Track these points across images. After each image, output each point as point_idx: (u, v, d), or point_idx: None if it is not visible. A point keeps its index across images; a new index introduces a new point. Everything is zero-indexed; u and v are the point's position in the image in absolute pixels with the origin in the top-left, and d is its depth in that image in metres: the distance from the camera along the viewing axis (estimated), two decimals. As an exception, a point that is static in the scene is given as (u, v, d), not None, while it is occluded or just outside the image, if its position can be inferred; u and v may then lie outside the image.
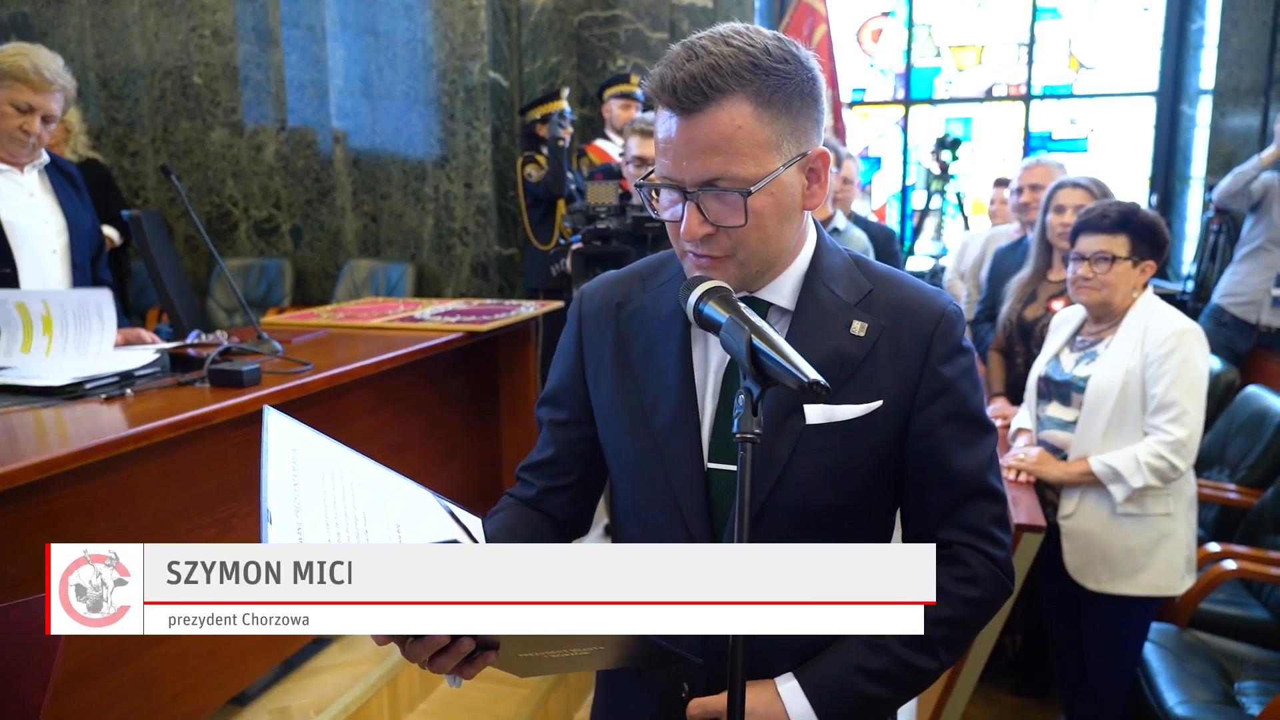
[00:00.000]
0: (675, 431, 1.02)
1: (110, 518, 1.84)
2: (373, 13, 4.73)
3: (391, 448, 2.76)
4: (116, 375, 2.16)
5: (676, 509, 1.01)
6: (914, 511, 1.05)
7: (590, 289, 1.12)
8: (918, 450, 1.00)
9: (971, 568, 1.00)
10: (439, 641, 0.83)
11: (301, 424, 0.91)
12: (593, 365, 1.09)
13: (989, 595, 1.01)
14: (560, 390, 1.13)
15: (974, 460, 1.01)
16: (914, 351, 0.99)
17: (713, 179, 0.90)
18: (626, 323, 1.07)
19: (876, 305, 1.00)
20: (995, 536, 1.02)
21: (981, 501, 1.01)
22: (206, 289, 5.02)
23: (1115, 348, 2.16)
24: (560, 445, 1.12)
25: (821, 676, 0.98)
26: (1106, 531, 2.15)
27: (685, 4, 4.97)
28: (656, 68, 0.93)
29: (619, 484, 1.11)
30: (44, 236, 2.45)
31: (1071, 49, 5.18)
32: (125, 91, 5.10)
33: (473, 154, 4.75)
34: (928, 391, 0.99)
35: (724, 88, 0.88)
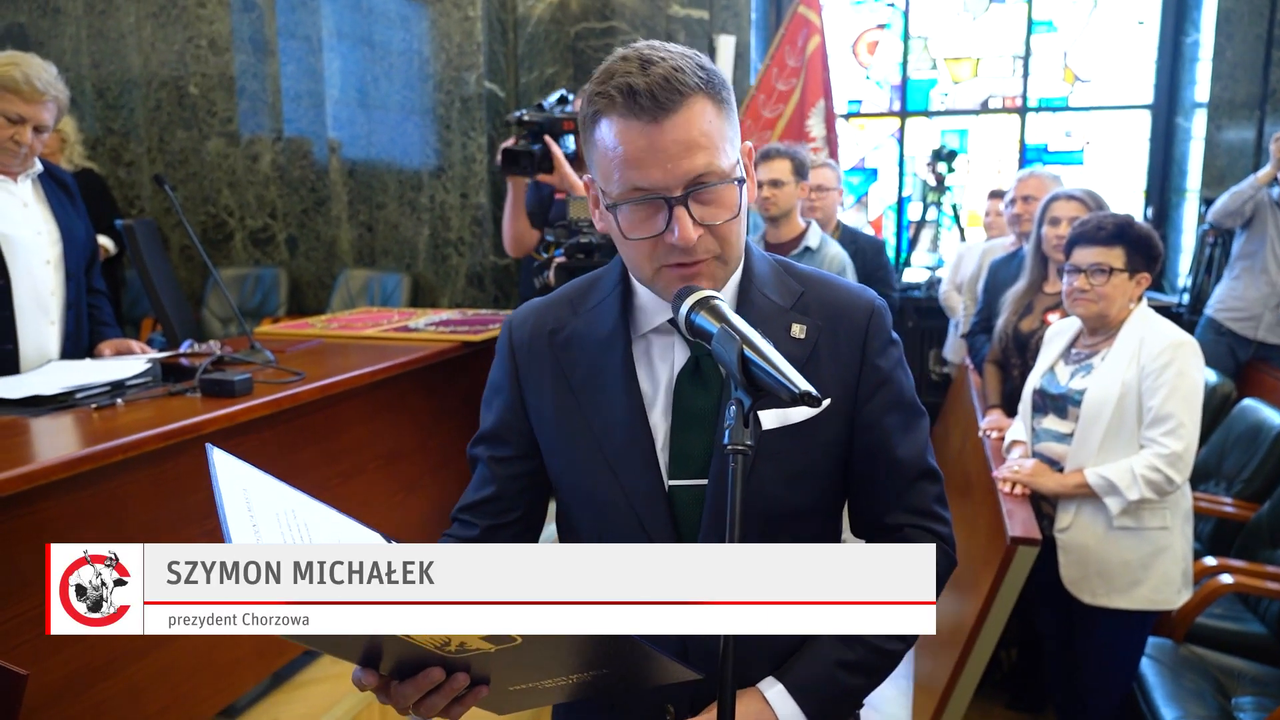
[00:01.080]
0: (631, 453, 1.00)
1: (99, 528, 1.83)
2: (369, 23, 4.74)
3: (384, 458, 2.75)
4: (108, 385, 2.15)
5: (641, 530, 1.00)
6: (863, 501, 1.08)
7: (518, 319, 1.09)
8: (865, 443, 1.03)
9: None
10: (434, 678, 0.82)
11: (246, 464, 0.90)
12: (533, 397, 1.06)
13: (942, 571, 1.04)
14: (500, 427, 1.08)
15: (915, 445, 1.05)
16: (852, 348, 1.02)
17: (700, 176, 0.91)
18: (563, 349, 1.04)
19: (811, 307, 1.03)
20: (939, 514, 1.07)
21: (924, 483, 1.06)
22: (202, 299, 5.01)
23: (1111, 360, 2.16)
24: (502, 482, 1.08)
25: (805, 677, 0.99)
26: (1103, 545, 2.14)
27: (681, 15, 4.99)
28: (610, 82, 0.91)
29: (576, 513, 1.08)
30: (38, 247, 2.44)
31: (1067, 62, 5.20)
32: (121, 101, 5.10)
33: (468, 164, 4.75)
34: (869, 385, 1.03)
35: (691, 86, 0.90)
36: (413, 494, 2.89)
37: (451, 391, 3.08)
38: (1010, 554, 2.07)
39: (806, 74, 4.55)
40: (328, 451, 2.51)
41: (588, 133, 0.96)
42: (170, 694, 2.00)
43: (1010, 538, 2.06)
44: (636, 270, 0.99)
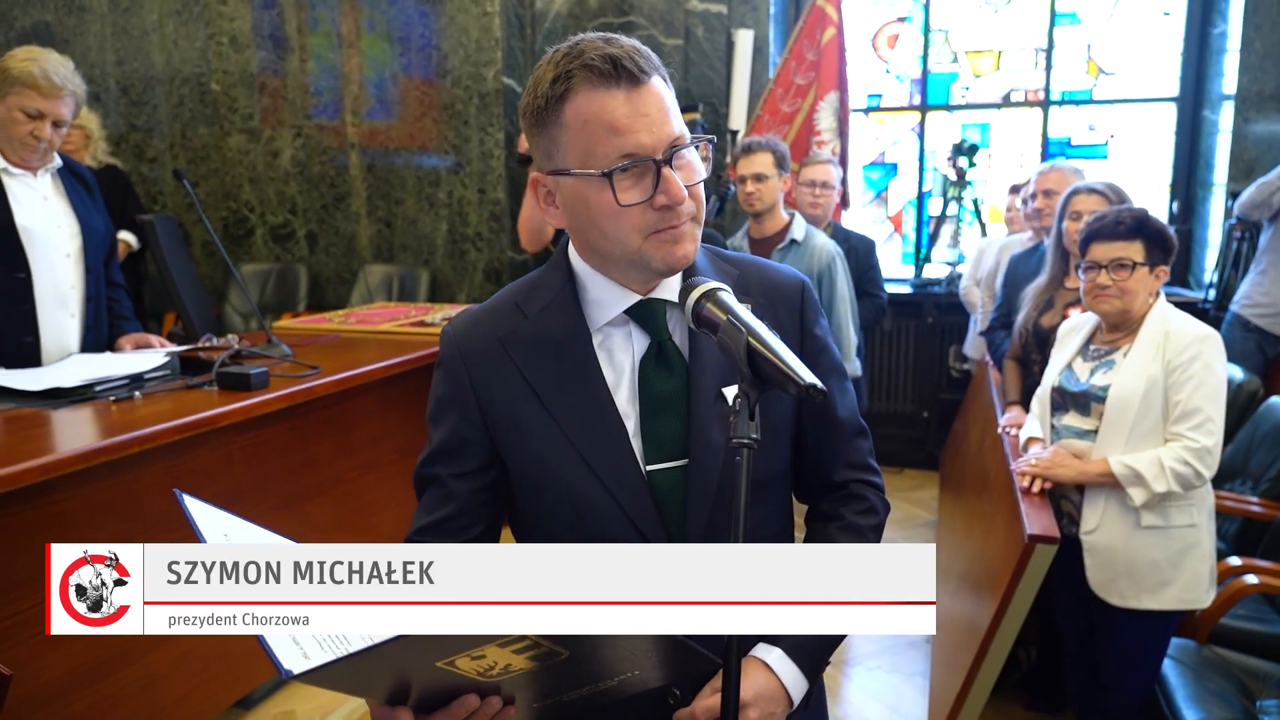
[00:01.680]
0: (604, 444, 1.00)
1: (115, 519, 1.85)
2: (387, 19, 4.75)
3: (399, 452, 2.76)
4: (126, 378, 2.17)
5: (625, 518, 1.00)
6: (812, 462, 1.14)
7: (459, 332, 1.07)
8: (811, 408, 1.10)
9: (868, 500, 1.14)
10: (469, 705, 0.81)
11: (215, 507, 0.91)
12: (493, 406, 1.03)
13: (882, 519, 1.15)
14: (456, 441, 1.05)
15: (849, 405, 1.14)
16: (791, 321, 1.09)
17: (678, 138, 0.95)
18: (520, 352, 1.03)
19: (750, 287, 1.08)
20: (874, 467, 1.17)
21: (859, 440, 1.15)
22: (224, 294, 5.05)
23: (1135, 356, 2.13)
24: (463, 498, 1.05)
25: (796, 638, 1.02)
26: (1130, 545, 2.11)
27: (700, 10, 4.97)
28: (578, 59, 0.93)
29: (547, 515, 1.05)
30: (57, 240, 2.47)
31: (1091, 54, 5.12)
32: (144, 98, 5.15)
33: (486, 160, 4.76)
34: (810, 352, 1.09)
35: (650, 63, 0.96)
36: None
37: (467, 386, 3.09)
38: (1028, 552, 2.04)
39: (820, 65, 4.51)
40: (344, 445, 2.52)
41: (552, 114, 0.95)
42: (187, 684, 2.02)
43: (1028, 535, 2.03)
44: (622, 244, 0.97)
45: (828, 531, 1.12)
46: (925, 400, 5.05)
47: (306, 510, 2.35)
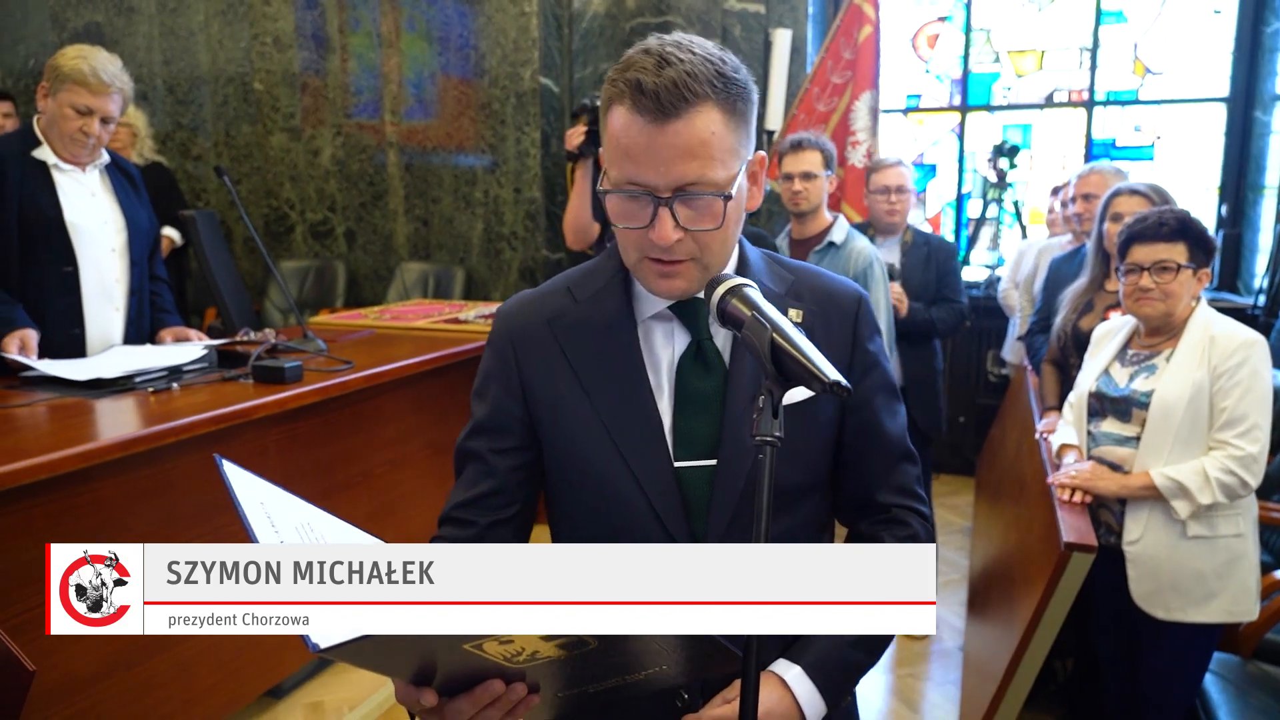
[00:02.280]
0: (638, 435, 1.01)
1: (153, 507, 1.88)
2: (426, 20, 4.80)
3: (432, 447, 2.78)
4: (165, 369, 2.21)
5: (651, 512, 1.00)
6: (852, 479, 1.11)
7: (511, 311, 1.10)
8: (856, 422, 1.08)
9: (911, 526, 1.09)
10: (494, 690, 0.82)
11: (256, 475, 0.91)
12: (535, 384, 1.05)
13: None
14: (498, 417, 1.07)
15: (899, 427, 1.11)
16: (843, 332, 1.07)
17: (689, 184, 0.92)
18: (566, 335, 1.04)
19: (802, 293, 1.07)
20: (921, 495, 1.12)
21: (907, 464, 1.11)
22: (264, 289, 5.13)
23: (1179, 360, 2.07)
24: (502, 475, 1.06)
25: (818, 656, 1.00)
26: (1176, 556, 2.05)
27: (737, 9, 4.94)
28: (625, 74, 0.93)
29: (576, 499, 1.07)
30: (104, 235, 2.52)
31: (1137, 54, 5.01)
32: (190, 97, 5.25)
33: (522, 159, 4.78)
34: (860, 367, 1.07)
35: (700, 94, 0.91)
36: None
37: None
38: (1064, 560, 2.00)
39: (856, 64, 4.47)
40: (376, 439, 2.55)
41: (604, 115, 0.98)
42: (219, 671, 2.06)
43: (1064, 544, 1.99)
44: (624, 255, 1.01)
45: None
46: (962, 405, 4.97)
47: (337, 503, 2.38)
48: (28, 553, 1.64)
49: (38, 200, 2.38)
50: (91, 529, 1.75)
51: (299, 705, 2.29)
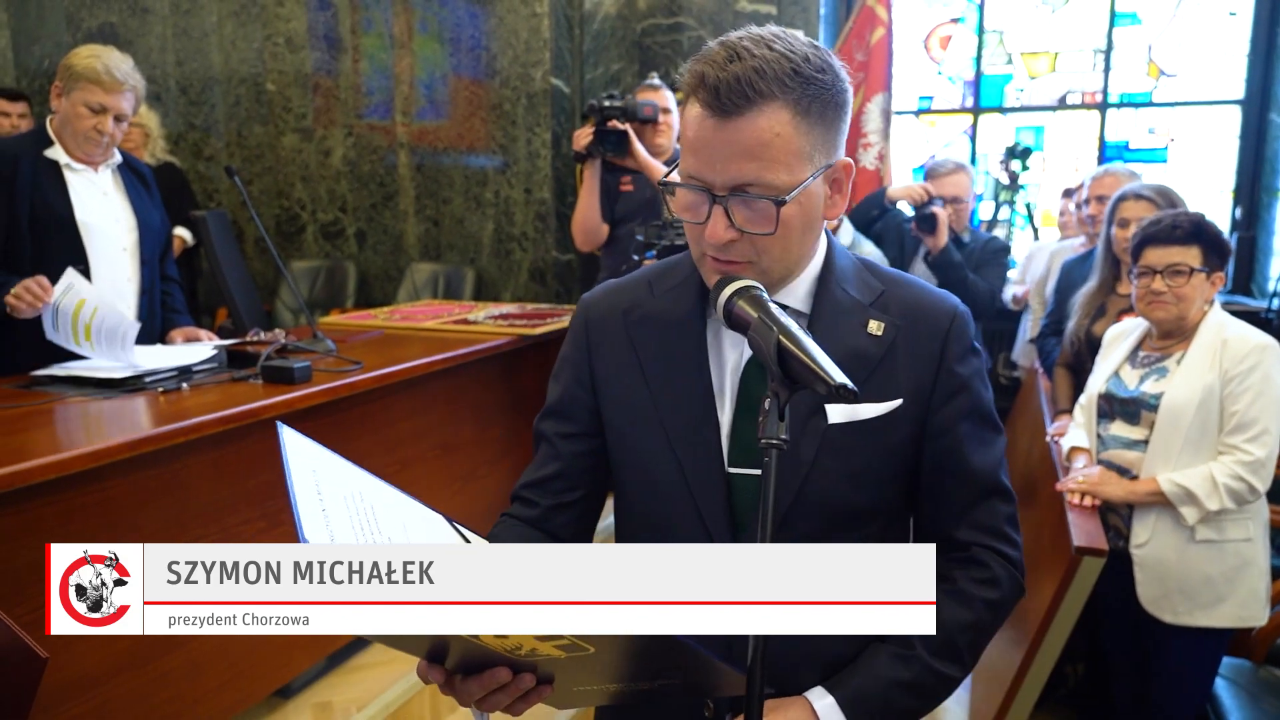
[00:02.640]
0: (694, 436, 0.99)
1: (162, 507, 1.89)
2: (439, 21, 4.81)
3: (441, 448, 2.79)
4: (174, 369, 2.22)
5: (697, 515, 0.99)
6: (930, 511, 1.04)
7: (593, 298, 1.10)
8: (935, 449, 1.00)
9: (991, 570, 1.01)
10: (500, 678, 0.82)
11: (315, 442, 0.90)
12: (603, 372, 1.06)
13: (1007, 597, 1.02)
14: (567, 401, 1.09)
15: (989, 459, 1.02)
16: (930, 350, 0.99)
17: (745, 184, 0.89)
18: (637, 327, 1.04)
19: (890, 305, 1.01)
20: (1010, 536, 1.03)
21: (995, 501, 1.02)
22: (275, 290, 5.15)
23: (1190, 363, 2.06)
24: (567, 459, 1.08)
25: (856, 691, 0.96)
26: (1184, 560, 2.04)
27: (749, 11, 4.94)
28: (694, 64, 0.91)
29: (631, 493, 1.07)
30: (115, 235, 2.54)
31: (1151, 55, 4.98)
32: (203, 98, 5.28)
33: (533, 160, 4.78)
34: (944, 390, 1.00)
35: (766, 93, 0.87)
36: (469, 484, 2.92)
37: (508, 384, 3.11)
38: (1075, 564, 1.99)
39: (869, 66, 4.46)
40: (385, 440, 2.55)
41: (681, 106, 0.98)
42: (229, 671, 2.06)
43: (1075, 548, 1.98)
44: (691, 249, 0.99)
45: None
46: (972, 408, 4.94)
47: (347, 503, 2.37)
48: (37, 552, 1.64)
49: (50, 200, 2.40)
50: (100, 529, 1.76)
51: (307, 705, 2.29)
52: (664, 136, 3.29)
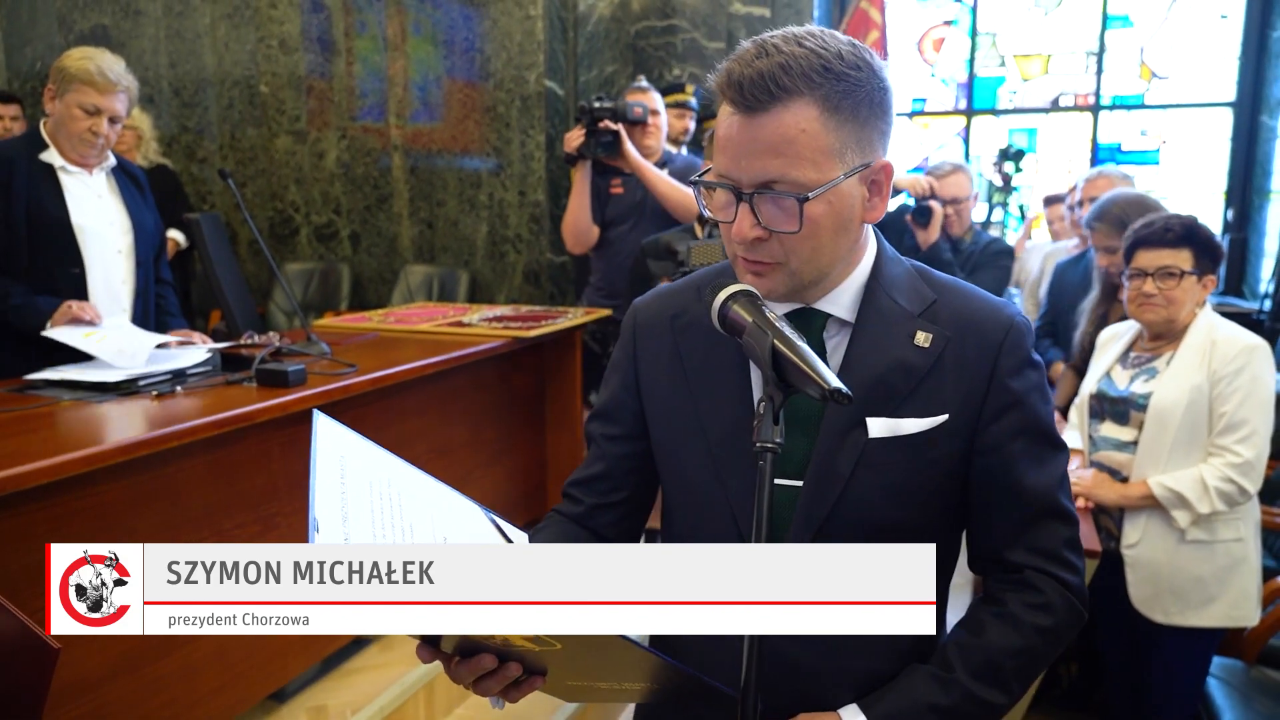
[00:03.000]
0: (732, 444, 0.98)
1: (157, 511, 1.89)
2: (432, 23, 4.81)
3: (436, 451, 2.79)
4: (169, 373, 2.22)
5: (734, 524, 0.98)
6: (981, 531, 1.01)
7: (644, 302, 1.11)
8: (985, 467, 0.97)
9: (1045, 594, 0.96)
10: (485, 665, 0.82)
11: (352, 431, 0.90)
12: (648, 377, 1.06)
13: (1062, 624, 0.97)
14: (613, 404, 1.10)
15: (1045, 479, 0.97)
16: (981, 363, 0.95)
17: (770, 181, 0.88)
18: (683, 333, 1.04)
19: (941, 316, 0.97)
20: (1068, 560, 0.98)
21: (1053, 523, 0.97)
22: (268, 292, 5.14)
23: (1179, 364, 2.07)
24: (611, 460, 1.09)
25: (890, 711, 0.93)
26: (1174, 560, 2.05)
27: (742, 13, 4.95)
28: (726, 62, 0.90)
29: (673, 499, 1.07)
30: (110, 237, 2.53)
31: (1144, 58, 5.01)
32: (196, 100, 5.27)
33: (527, 162, 4.79)
34: (995, 405, 0.96)
35: (791, 89, 0.86)
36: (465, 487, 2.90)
37: (503, 387, 3.11)
38: (1067, 566, 2.00)
39: None
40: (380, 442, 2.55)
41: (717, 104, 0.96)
42: (225, 674, 2.06)
43: (1067, 549, 1.99)
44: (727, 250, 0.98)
45: (979, 617, 0.97)
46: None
47: (342, 506, 2.37)
48: (31, 555, 1.64)
49: (44, 203, 2.40)
50: (95, 532, 1.76)
51: (302, 709, 2.29)
52: (652, 138, 3.31)
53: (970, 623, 0.98)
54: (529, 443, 3.26)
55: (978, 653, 0.95)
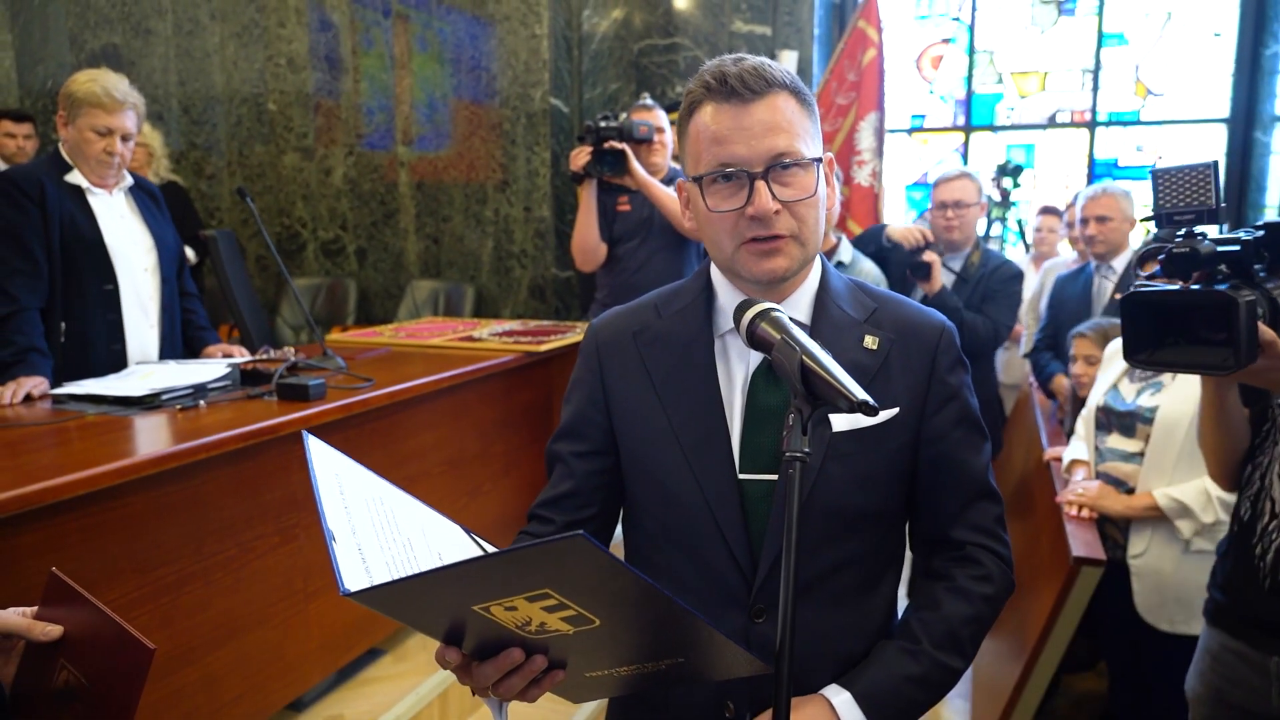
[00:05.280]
0: (706, 446, 1.04)
1: (183, 521, 1.92)
2: (439, 41, 4.88)
3: (448, 463, 2.82)
4: (191, 387, 2.26)
5: (712, 521, 1.04)
6: (926, 513, 1.11)
7: (602, 322, 1.16)
8: (931, 454, 1.08)
9: (985, 566, 1.08)
10: (514, 659, 0.85)
11: (338, 451, 0.95)
12: (616, 392, 1.11)
13: (1000, 591, 1.08)
14: (579, 422, 1.14)
15: (979, 463, 1.09)
16: (921, 362, 1.07)
17: (780, 154, 0.98)
18: (647, 348, 1.10)
19: (883, 321, 1.08)
20: (1000, 535, 1.10)
21: (986, 502, 1.10)
22: (275, 306, 5.19)
23: (1185, 378, 2.11)
24: (580, 478, 1.13)
25: (871, 687, 1.00)
26: (1179, 570, 2.09)
27: (744, 32, 5.02)
28: (702, 74, 1.01)
29: (645, 506, 1.11)
30: (135, 255, 2.58)
31: (1139, 75, 5.09)
32: (205, 117, 5.33)
33: (532, 178, 4.85)
34: (937, 398, 1.07)
35: (774, 81, 0.99)
36: (475, 499, 2.96)
37: (513, 400, 3.15)
38: (1073, 574, 2.03)
39: (861, 86, 4.55)
40: (394, 455, 2.59)
41: (683, 127, 1.05)
42: (244, 684, 2.09)
43: (1074, 558, 2.03)
44: (719, 249, 1.04)
45: (933, 592, 1.07)
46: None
47: (358, 518, 2.41)
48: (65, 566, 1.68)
49: (77, 223, 2.45)
50: (124, 542, 1.80)
51: (319, 718, 2.32)
52: (659, 155, 3.36)
53: (925, 598, 1.08)
54: (538, 454, 3.30)
55: (939, 624, 1.04)
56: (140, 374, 2.39)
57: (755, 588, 1.02)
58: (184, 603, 1.92)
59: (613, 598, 0.78)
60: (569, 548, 0.71)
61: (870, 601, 1.07)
